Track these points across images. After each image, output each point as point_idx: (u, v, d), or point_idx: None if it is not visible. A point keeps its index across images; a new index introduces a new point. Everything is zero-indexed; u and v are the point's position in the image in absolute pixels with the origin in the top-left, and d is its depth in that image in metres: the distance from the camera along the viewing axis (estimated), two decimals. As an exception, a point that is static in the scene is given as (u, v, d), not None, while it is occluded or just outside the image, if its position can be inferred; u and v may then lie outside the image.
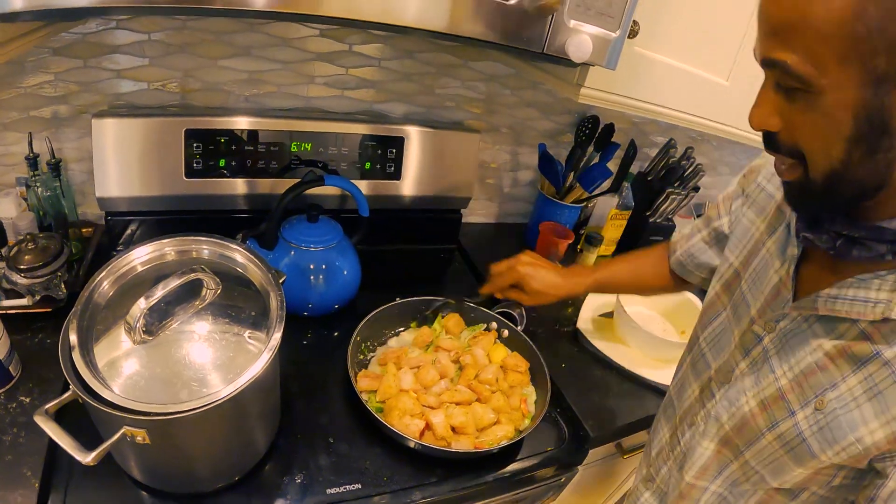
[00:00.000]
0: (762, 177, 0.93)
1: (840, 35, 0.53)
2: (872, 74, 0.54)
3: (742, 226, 0.94)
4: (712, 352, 0.92)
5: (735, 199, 1.00)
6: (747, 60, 1.29)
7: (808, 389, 0.72)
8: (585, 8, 0.89)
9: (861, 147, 0.58)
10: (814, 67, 0.56)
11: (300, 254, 1.21)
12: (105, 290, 0.83)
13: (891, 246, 0.64)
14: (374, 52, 1.41)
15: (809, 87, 0.57)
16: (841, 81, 0.56)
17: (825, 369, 0.71)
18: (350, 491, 0.94)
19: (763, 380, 0.79)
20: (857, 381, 0.68)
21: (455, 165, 1.55)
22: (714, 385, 0.88)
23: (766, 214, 0.89)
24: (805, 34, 0.55)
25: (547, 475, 1.14)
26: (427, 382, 1.09)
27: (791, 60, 0.57)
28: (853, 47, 0.53)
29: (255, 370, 0.76)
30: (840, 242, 0.67)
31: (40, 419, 0.74)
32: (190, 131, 1.22)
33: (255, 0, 0.73)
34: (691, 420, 0.93)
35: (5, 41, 0.78)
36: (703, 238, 1.08)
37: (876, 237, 0.64)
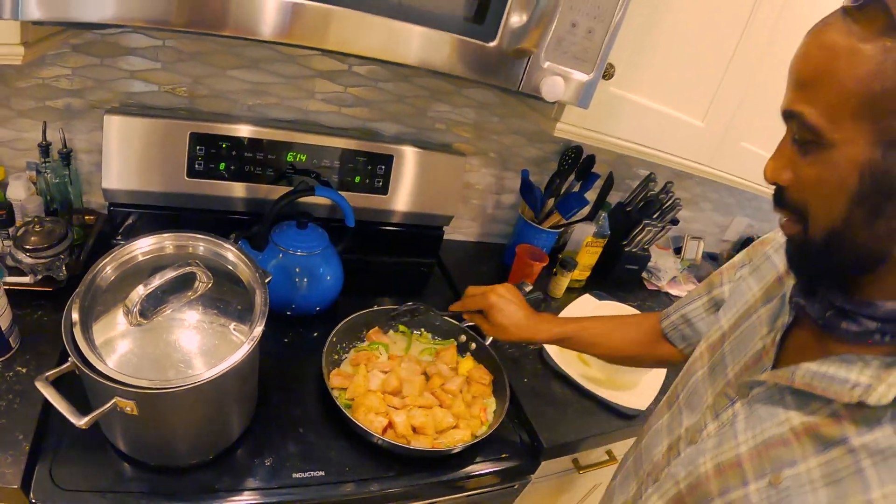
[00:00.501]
0: (771, 247, 0.92)
1: (857, 92, 0.55)
2: (885, 136, 0.55)
3: (739, 291, 0.93)
4: (687, 409, 0.88)
5: (740, 267, 0.98)
6: (723, 103, 1.39)
7: (767, 462, 0.68)
8: (561, 52, 0.99)
9: (863, 207, 0.58)
10: (828, 121, 0.57)
11: (288, 257, 1.28)
12: (107, 274, 0.91)
13: (880, 325, 0.61)
14: (372, 74, 1.48)
15: (821, 139, 0.58)
16: (852, 138, 0.56)
17: (788, 444, 0.67)
18: (314, 477, 1.00)
19: (725, 443, 0.75)
20: (818, 463, 0.64)
21: (440, 185, 1.62)
22: (682, 444, 0.84)
23: (765, 283, 0.88)
24: (825, 88, 0.57)
25: (499, 480, 1.20)
26: (393, 388, 1.16)
27: (808, 112, 0.58)
28: (869, 106, 0.54)
29: (236, 358, 0.84)
30: (830, 313, 0.65)
31: (40, 384, 0.81)
32: (195, 134, 1.29)
33: (261, 29, 0.81)
34: (656, 476, 0.88)
35: (34, 41, 0.86)
36: (703, 304, 1.05)
37: (867, 313, 0.62)
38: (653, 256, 2.13)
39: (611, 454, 1.48)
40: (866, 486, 0.59)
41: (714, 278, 1.04)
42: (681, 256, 2.32)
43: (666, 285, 2.15)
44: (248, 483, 0.97)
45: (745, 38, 1.33)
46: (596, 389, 1.41)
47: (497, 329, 1.16)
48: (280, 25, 0.83)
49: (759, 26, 1.32)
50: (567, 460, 1.41)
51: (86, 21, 0.76)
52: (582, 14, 0.96)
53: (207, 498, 0.93)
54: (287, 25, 0.84)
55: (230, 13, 0.80)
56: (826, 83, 0.57)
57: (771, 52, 1.37)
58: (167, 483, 0.93)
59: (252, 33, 0.81)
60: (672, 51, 1.27)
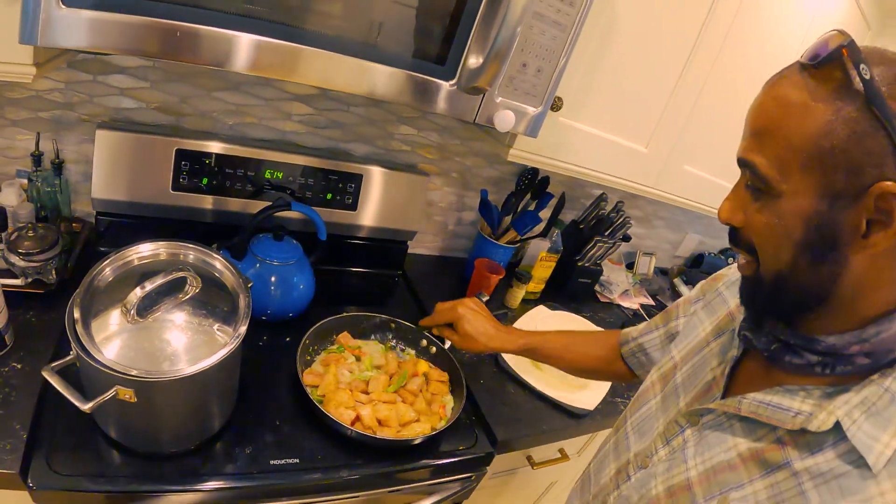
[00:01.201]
0: (723, 284, 0.97)
1: (806, 148, 0.58)
2: (830, 189, 0.58)
3: (692, 325, 0.96)
4: (635, 435, 0.92)
5: (694, 302, 1.02)
6: (665, 130, 1.55)
7: (715, 485, 0.71)
8: (513, 88, 1.12)
9: (808, 254, 0.61)
10: (778, 172, 0.60)
11: (265, 266, 1.37)
12: (106, 275, 0.99)
13: (821, 358, 0.64)
14: (345, 98, 1.59)
15: (771, 189, 0.62)
16: (800, 189, 0.59)
17: (735, 469, 0.70)
18: (290, 464, 1.10)
19: (675, 468, 0.78)
20: (763, 486, 0.67)
21: (405, 203, 1.73)
22: (632, 468, 0.88)
23: (716, 318, 0.92)
24: (777, 141, 0.60)
25: (457, 471, 1.31)
26: (360, 386, 1.26)
27: (760, 163, 0.62)
28: (817, 160, 0.57)
29: (226, 351, 0.95)
30: (775, 346, 0.69)
31: (47, 374, 0.88)
32: (180, 150, 1.38)
33: (233, 62, 0.91)
34: (604, 499, 0.92)
35: (44, 62, 0.95)
36: (659, 336, 1.11)
37: (809, 347, 0.65)
38: (605, 271, 2.27)
39: (563, 452, 1.59)
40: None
41: (671, 311, 1.10)
42: (633, 271, 2.47)
43: (617, 297, 2.29)
44: (230, 468, 1.06)
45: (687, 70, 1.48)
46: (547, 391, 1.53)
47: (466, 339, 1.23)
48: (251, 60, 0.93)
49: (701, 60, 1.47)
50: (521, 457, 1.52)
51: (70, 48, 0.85)
52: (531, 55, 1.10)
53: (193, 481, 1.01)
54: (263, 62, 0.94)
55: (201, 47, 0.88)
56: (778, 136, 0.60)
57: (711, 83, 1.52)
58: (155, 468, 1.01)
59: (220, 65, 0.91)
60: (616, 84, 1.40)
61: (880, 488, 0.58)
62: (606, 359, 1.24)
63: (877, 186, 0.56)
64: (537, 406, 1.51)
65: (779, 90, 0.62)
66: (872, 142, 0.55)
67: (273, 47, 0.92)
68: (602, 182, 1.59)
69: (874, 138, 0.55)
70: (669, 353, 0.98)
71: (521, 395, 1.53)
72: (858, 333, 0.62)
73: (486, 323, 1.24)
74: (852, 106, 0.56)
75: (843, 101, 0.56)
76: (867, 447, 0.59)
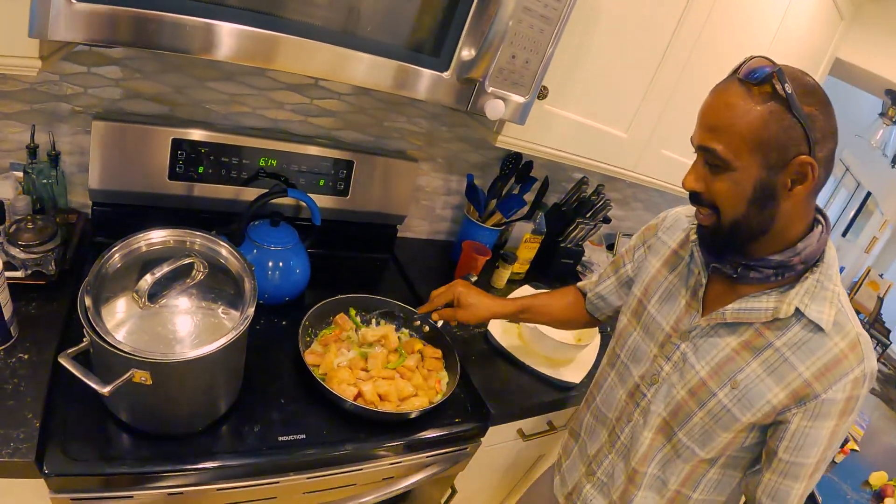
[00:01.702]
0: (661, 231, 1.23)
1: (751, 138, 0.85)
2: (767, 162, 0.86)
3: (644, 268, 1.22)
4: (632, 363, 1.18)
5: (637, 249, 1.28)
6: (644, 118, 1.62)
7: (724, 375, 1.01)
8: (502, 79, 1.18)
9: (755, 206, 0.90)
10: (732, 154, 0.87)
11: (262, 252, 1.42)
12: (115, 261, 1.03)
13: (774, 271, 0.94)
14: (337, 87, 1.63)
15: (728, 166, 0.88)
16: (748, 165, 0.87)
17: (733, 360, 1.00)
18: (296, 439, 1.15)
19: (687, 374, 1.05)
20: (758, 363, 0.97)
21: (394, 188, 1.78)
22: (643, 387, 1.13)
23: (661, 256, 1.19)
24: (730, 134, 0.87)
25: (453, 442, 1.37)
26: (359, 365, 1.32)
27: (718, 149, 0.88)
28: (759, 146, 0.85)
29: (237, 332, 0.99)
30: (740, 269, 0.97)
31: (64, 360, 0.91)
32: (176, 140, 1.41)
33: (217, 51, 0.94)
34: (628, 418, 1.17)
35: (48, 55, 0.96)
36: (612, 283, 1.34)
37: (765, 265, 0.94)
38: (587, 252, 2.34)
39: (551, 424, 1.66)
40: (793, 367, 0.94)
41: (618, 261, 1.34)
42: (613, 251, 2.54)
43: (597, 278, 2.35)
44: (241, 446, 1.11)
45: (665, 60, 1.54)
46: (535, 366, 1.60)
47: (469, 310, 1.36)
48: (241, 49, 0.96)
49: (678, 51, 1.54)
50: (513, 430, 1.58)
51: (69, 41, 0.88)
52: (520, 48, 1.16)
53: (207, 459, 1.06)
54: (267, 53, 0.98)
55: (186, 36, 0.91)
56: (731, 130, 0.87)
57: (688, 72, 1.59)
58: (169, 449, 1.05)
59: (208, 54, 0.94)
60: (598, 74, 1.46)
61: (833, 341, 0.93)
62: (577, 310, 1.45)
63: (797, 159, 0.85)
64: (526, 381, 1.58)
65: (727, 98, 0.88)
66: (793, 131, 0.84)
67: (282, 41, 0.97)
68: (585, 166, 1.64)
69: (794, 129, 0.84)
70: (633, 294, 1.23)
71: (511, 371, 1.59)
72: (793, 250, 0.93)
73: (483, 295, 1.40)
74: (780, 109, 0.83)
75: (774, 105, 0.84)
76: (818, 318, 0.93)
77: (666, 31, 1.50)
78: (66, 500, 0.98)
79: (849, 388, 0.92)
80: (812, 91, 0.85)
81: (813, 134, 0.84)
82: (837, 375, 0.92)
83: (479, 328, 1.70)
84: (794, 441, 0.97)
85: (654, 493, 1.16)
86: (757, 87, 0.85)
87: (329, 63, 1.03)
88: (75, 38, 0.85)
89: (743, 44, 1.62)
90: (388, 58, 1.07)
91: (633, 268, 1.29)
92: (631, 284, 1.28)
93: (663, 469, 1.13)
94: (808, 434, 0.96)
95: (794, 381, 0.94)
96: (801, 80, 0.85)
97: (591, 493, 1.26)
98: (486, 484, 1.81)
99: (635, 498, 1.17)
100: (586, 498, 1.26)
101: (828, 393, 0.92)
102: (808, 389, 0.93)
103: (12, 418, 0.97)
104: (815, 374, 0.93)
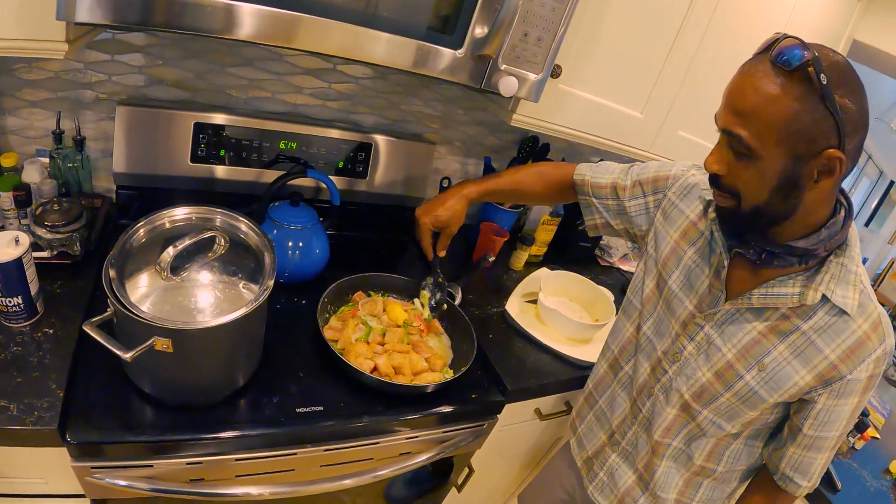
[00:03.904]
0: (673, 193, 1.20)
1: (780, 128, 0.82)
2: (795, 153, 0.83)
3: (660, 236, 1.20)
4: (656, 337, 1.18)
5: (643, 196, 1.24)
6: (660, 97, 1.61)
7: (751, 358, 1.02)
8: (515, 56, 1.19)
9: (779, 195, 0.88)
10: (759, 143, 0.84)
11: (282, 231, 1.44)
12: (139, 236, 1.06)
13: (799, 258, 0.93)
14: (354, 72, 1.65)
15: (753, 154, 0.85)
16: (774, 155, 0.84)
17: (759, 343, 1.01)
18: (314, 411, 1.18)
19: (713, 356, 1.06)
20: (785, 346, 0.98)
21: (412, 170, 1.81)
22: (665, 363, 1.14)
23: (678, 227, 1.17)
24: (758, 121, 0.83)
25: (469, 417, 1.39)
26: (376, 339, 1.34)
27: (745, 136, 0.85)
28: (787, 137, 0.82)
29: (256, 302, 1.02)
30: (764, 255, 0.95)
31: (88, 328, 0.94)
32: (198, 124, 1.44)
33: (238, 30, 0.98)
34: (648, 392, 1.18)
35: (74, 39, 1.00)
36: (610, 204, 1.31)
37: (789, 252, 0.93)
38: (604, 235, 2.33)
39: (569, 405, 1.67)
40: (819, 350, 0.96)
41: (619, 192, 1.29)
42: (630, 237, 2.52)
43: (617, 261, 2.35)
44: (259, 416, 1.13)
45: (679, 41, 1.53)
46: (552, 345, 1.60)
47: (441, 214, 1.37)
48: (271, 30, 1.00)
49: (693, 28, 1.53)
50: (529, 409, 1.59)
51: (93, 23, 0.90)
52: (532, 26, 1.17)
53: (225, 429, 1.09)
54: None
55: (208, 16, 0.95)
56: (759, 118, 0.83)
57: (703, 51, 1.58)
58: (188, 419, 1.08)
59: (230, 34, 0.98)
60: (612, 53, 1.46)
61: (857, 323, 0.94)
62: (563, 191, 1.42)
63: (827, 152, 0.82)
64: (543, 359, 1.59)
65: (756, 81, 0.83)
66: (825, 124, 0.81)
67: (307, 21, 1.01)
68: (600, 146, 1.65)
69: (826, 121, 0.80)
70: (652, 260, 1.21)
71: (527, 349, 1.60)
72: (816, 236, 0.92)
73: (440, 199, 1.39)
74: (813, 99, 0.80)
75: (807, 96, 0.80)
76: (844, 303, 0.93)
77: (680, 9, 1.49)
78: (86, 468, 1.01)
79: (871, 367, 0.95)
80: (847, 79, 0.81)
81: (845, 127, 0.80)
82: (861, 356, 0.94)
83: (497, 307, 1.71)
84: (820, 419, 1.00)
85: (680, 465, 1.18)
86: (791, 74, 0.80)
87: (347, 42, 1.07)
88: (100, 19, 0.89)
89: (758, 24, 1.61)
90: (404, 36, 1.09)
91: (634, 208, 1.26)
92: (625, 219, 1.28)
93: (688, 444, 1.15)
94: (832, 411, 0.99)
95: (820, 364, 0.96)
96: (837, 65, 0.81)
97: (617, 461, 1.27)
98: (504, 465, 1.82)
99: (659, 468, 1.19)
100: (612, 466, 1.28)
101: (853, 374, 0.95)
102: (835, 371, 0.95)
103: (37, 389, 1.01)
104: (840, 356, 0.95)
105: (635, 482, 1.25)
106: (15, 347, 1.08)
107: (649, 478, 1.21)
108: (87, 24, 0.94)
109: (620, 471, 1.27)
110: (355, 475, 1.27)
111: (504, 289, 1.80)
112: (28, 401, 0.98)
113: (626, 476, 1.26)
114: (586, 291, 1.84)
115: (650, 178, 1.25)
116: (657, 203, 1.23)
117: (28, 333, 1.12)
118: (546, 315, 1.67)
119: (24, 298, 1.10)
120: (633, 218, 1.27)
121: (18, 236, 1.07)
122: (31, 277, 1.10)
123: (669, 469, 1.18)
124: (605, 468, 1.30)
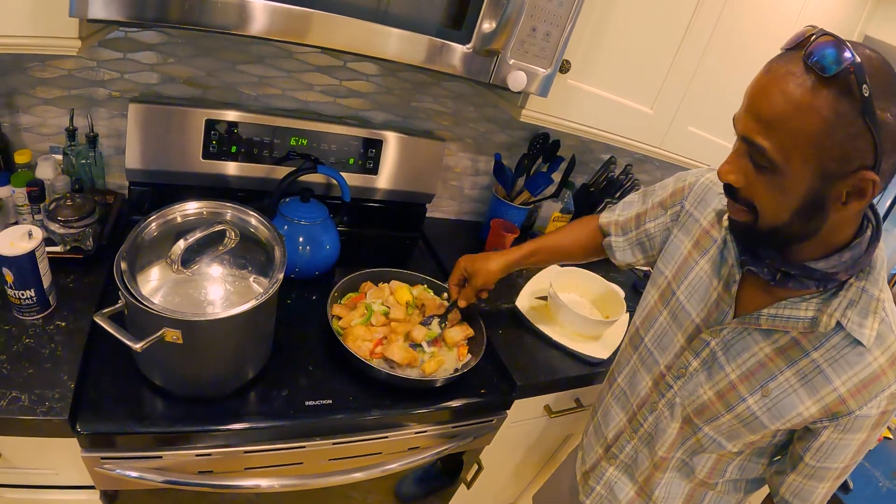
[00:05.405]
0: (689, 203, 1.13)
1: (809, 142, 0.71)
2: (823, 171, 0.72)
3: (673, 245, 1.14)
4: (658, 350, 1.11)
5: (661, 215, 1.20)
6: (670, 93, 1.60)
7: (755, 381, 0.94)
8: (523, 51, 1.19)
9: (801, 217, 0.78)
10: (783, 157, 0.73)
11: (293, 226, 1.45)
12: (151, 230, 1.07)
13: (817, 282, 0.84)
14: (364, 69, 1.66)
15: (775, 168, 0.75)
16: (800, 172, 0.73)
17: (765, 366, 0.93)
18: (323, 404, 1.18)
19: (715, 375, 0.99)
20: (792, 373, 0.90)
21: (423, 167, 1.80)
22: (669, 378, 1.08)
23: (692, 236, 1.09)
24: (784, 132, 0.72)
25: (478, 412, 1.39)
26: (380, 321, 1.35)
27: (767, 147, 0.74)
28: (816, 153, 0.71)
29: (266, 295, 1.02)
30: (779, 276, 0.86)
31: (99, 318, 0.95)
32: (210, 121, 1.45)
33: (250, 26, 0.99)
34: (652, 407, 1.12)
35: (86, 36, 1.01)
36: (632, 239, 1.27)
37: (807, 275, 0.84)
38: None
39: (579, 402, 1.66)
40: (829, 380, 0.87)
41: (641, 216, 1.25)
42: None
43: (628, 260, 2.34)
44: (269, 409, 1.14)
45: (688, 35, 1.52)
46: (562, 341, 1.60)
47: (479, 275, 1.37)
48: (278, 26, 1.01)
49: (701, 25, 1.51)
50: (539, 405, 1.59)
51: (108, 20, 0.92)
52: (540, 21, 1.17)
53: (235, 421, 1.10)
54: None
55: (220, 13, 0.96)
56: (785, 129, 0.72)
57: (713, 46, 1.56)
58: (198, 410, 1.09)
59: (243, 31, 0.99)
60: (621, 48, 1.46)
61: (873, 356, 0.85)
62: (591, 243, 1.40)
63: (861, 173, 0.71)
64: (553, 355, 1.58)
65: (785, 84, 0.72)
66: (861, 141, 0.70)
67: (318, 17, 1.01)
68: (610, 142, 1.64)
69: (863, 139, 0.69)
70: (660, 272, 1.15)
71: (537, 345, 1.60)
72: (837, 258, 0.83)
73: (487, 255, 1.40)
74: (851, 112, 0.68)
75: (844, 107, 0.68)
76: (860, 333, 0.84)
77: (689, 3, 1.48)
78: (96, 458, 1.03)
79: (884, 404, 0.87)
80: (890, 89, 0.69)
81: (883, 145, 0.70)
82: (874, 392, 0.85)
83: (507, 303, 1.71)
84: (822, 451, 0.93)
85: (682, 477, 1.14)
86: (827, 80, 0.69)
87: (358, 38, 1.08)
88: (112, 15, 0.90)
89: (769, 17, 1.59)
90: (414, 31, 1.10)
91: (654, 228, 1.22)
92: (647, 245, 1.24)
93: (690, 456, 1.10)
94: (837, 445, 0.92)
95: (827, 396, 0.88)
96: (881, 73, 0.69)
97: (616, 474, 1.24)
98: (513, 462, 1.82)
99: (662, 480, 1.15)
100: (611, 480, 1.25)
101: (862, 410, 0.86)
102: (842, 406, 0.87)
103: (48, 380, 1.02)
104: (850, 390, 0.86)
105: (636, 494, 1.21)
106: (27, 339, 1.09)
107: (650, 490, 1.17)
108: (100, 20, 0.96)
109: (621, 483, 1.24)
110: (364, 469, 1.27)
111: (514, 285, 1.80)
112: (39, 392, 0.99)
113: (626, 489, 1.23)
114: (597, 288, 1.83)
115: (668, 194, 1.20)
116: (675, 216, 1.17)
117: (40, 326, 1.13)
118: (557, 310, 1.66)
119: (37, 291, 1.11)
120: (655, 238, 1.23)
121: (32, 230, 1.08)
122: (43, 271, 1.12)
123: (672, 481, 1.15)
124: (603, 481, 1.27)
